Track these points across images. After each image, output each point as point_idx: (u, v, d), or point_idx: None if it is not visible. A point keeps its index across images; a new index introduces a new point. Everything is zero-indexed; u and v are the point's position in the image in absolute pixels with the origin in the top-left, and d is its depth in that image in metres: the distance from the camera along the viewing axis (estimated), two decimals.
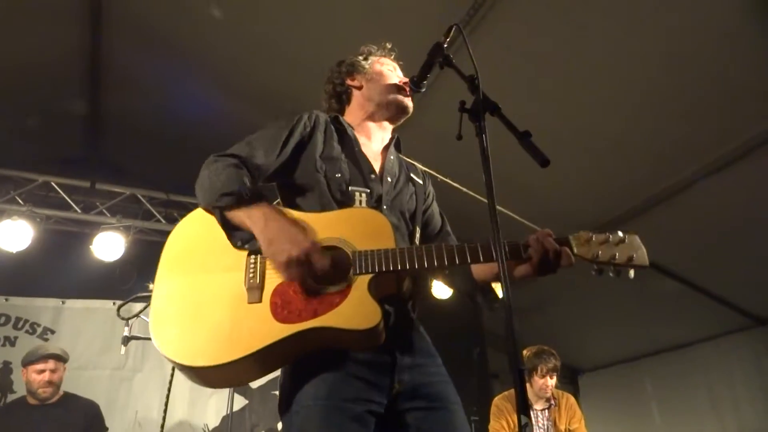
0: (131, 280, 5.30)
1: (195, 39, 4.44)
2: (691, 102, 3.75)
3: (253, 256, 1.52)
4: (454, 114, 1.53)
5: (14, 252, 4.65)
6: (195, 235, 1.59)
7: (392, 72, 1.99)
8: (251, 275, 1.49)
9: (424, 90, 1.93)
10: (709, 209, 4.47)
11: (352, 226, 1.54)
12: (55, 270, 5.03)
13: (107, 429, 4.03)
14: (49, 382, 3.78)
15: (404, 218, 1.77)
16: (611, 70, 3.70)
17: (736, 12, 3.19)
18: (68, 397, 3.93)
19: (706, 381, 5.69)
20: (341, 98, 2.02)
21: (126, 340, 3.68)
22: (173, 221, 5.38)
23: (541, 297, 5.78)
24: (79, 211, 5.07)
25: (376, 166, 1.79)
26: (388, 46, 2.06)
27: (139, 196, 5.31)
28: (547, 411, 3.87)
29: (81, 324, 5.08)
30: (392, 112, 1.92)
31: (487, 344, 6.69)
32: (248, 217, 1.49)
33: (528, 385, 3.93)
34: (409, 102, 1.93)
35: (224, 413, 5.01)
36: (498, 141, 1.48)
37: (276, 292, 1.46)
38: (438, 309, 6.02)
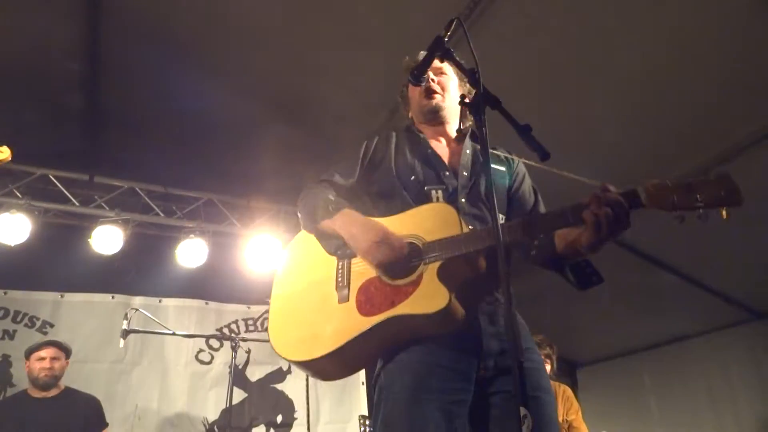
0: (130, 273, 5.30)
1: (195, 33, 4.41)
2: (690, 98, 3.75)
3: (341, 262, 1.74)
4: None
5: (12, 245, 4.64)
6: (299, 252, 1.90)
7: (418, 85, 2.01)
8: (340, 278, 1.71)
9: (424, 83, 1.95)
10: None
11: (421, 222, 1.68)
12: (53, 263, 5.03)
13: (107, 425, 4.04)
14: (50, 369, 3.81)
15: (486, 206, 1.81)
16: (610, 67, 3.70)
17: (739, 11, 3.18)
18: (69, 391, 3.94)
19: (703, 374, 5.72)
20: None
21: (125, 334, 3.68)
22: (171, 214, 5.37)
23: (538, 289, 5.79)
24: (77, 204, 5.06)
25: (450, 163, 1.88)
26: (407, 58, 2.06)
27: (138, 189, 5.31)
28: None
29: (80, 317, 5.09)
30: (430, 119, 2.00)
31: None
32: (335, 223, 1.71)
33: None
34: (432, 102, 1.97)
35: (224, 406, 5.03)
36: (497, 134, 1.48)
37: (360, 290, 1.65)
38: None
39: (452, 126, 2.01)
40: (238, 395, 5.24)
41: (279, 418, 5.38)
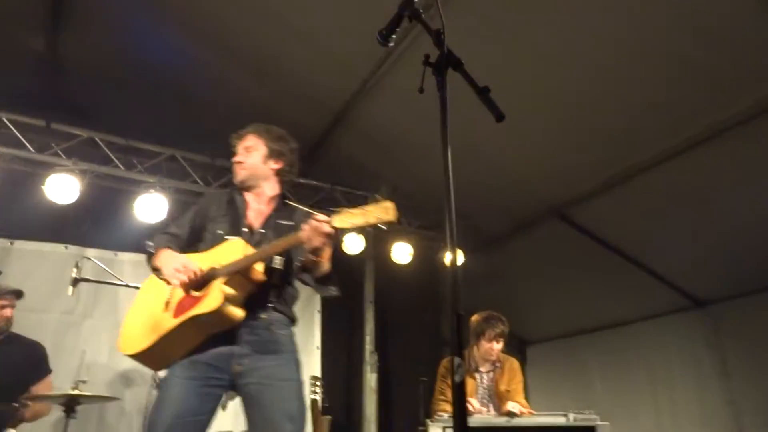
0: (85, 224, 5.17)
1: None
2: (652, 88, 3.85)
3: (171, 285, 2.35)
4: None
5: None
6: (155, 279, 2.48)
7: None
8: (168, 295, 2.34)
9: (392, 44, 1.93)
10: (663, 193, 4.63)
11: (219, 255, 2.31)
12: (3, 209, 4.86)
13: (51, 371, 3.99)
14: (8, 318, 3.76)
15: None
16: (580, 49, 3.75)
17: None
18: (12, 336, 3.87)
19: (644, 358, 5.96)
20: None
21: (75, 282, 3.60)
22: (132, 168, 5.24)
23: (494, 269, 5.93)
24: (32, 150, 4.89)
25: (257, 222, 2.51)
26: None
27: (98, 139, 5.14)
28: (492, 373, 4.03)
29: (31, 266, 4.94)
30: (244, 188, 2.64)
31: (443, 310, 6.82)
32: (158, 258, 2.41)
33: (475, 348, 4.06)
34: (235, 177, 2.63)
35: None
36: (472, 125, 1.50)
37: (179, 302, 2.28)
38: (397, 274, 6.10)
39: (264, 190, 2.60)
40: None
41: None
